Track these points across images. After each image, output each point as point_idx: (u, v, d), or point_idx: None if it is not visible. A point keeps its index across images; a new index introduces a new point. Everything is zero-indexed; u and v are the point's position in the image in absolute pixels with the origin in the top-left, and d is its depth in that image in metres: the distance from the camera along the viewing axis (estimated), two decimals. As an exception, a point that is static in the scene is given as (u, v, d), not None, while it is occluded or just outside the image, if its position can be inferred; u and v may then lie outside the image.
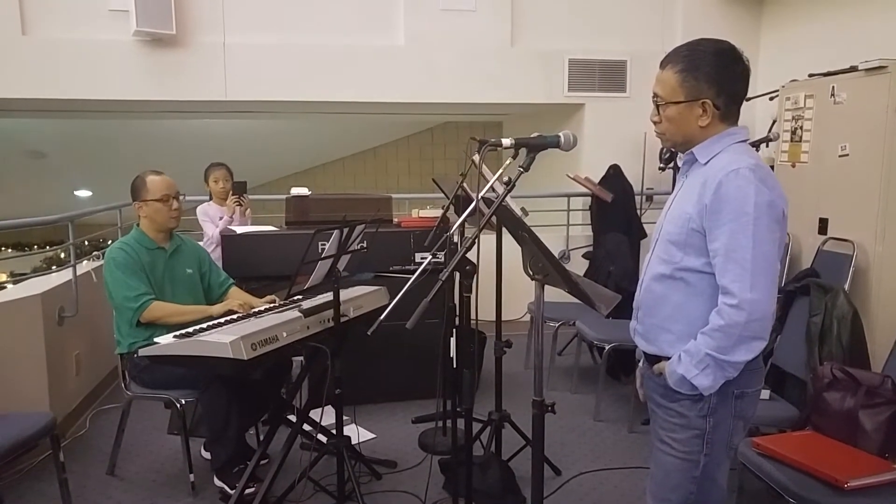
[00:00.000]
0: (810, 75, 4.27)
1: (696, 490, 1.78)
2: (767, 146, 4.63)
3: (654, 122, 1.81)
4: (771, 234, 1.64)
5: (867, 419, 2.49)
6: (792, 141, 4.31)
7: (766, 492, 2.53)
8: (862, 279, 3.76)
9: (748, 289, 1.60)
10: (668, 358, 1.77)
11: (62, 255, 10.60)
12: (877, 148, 3.66)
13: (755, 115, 5.80)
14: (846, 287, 3.63)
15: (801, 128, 4.23)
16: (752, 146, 4.61)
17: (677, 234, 1.73)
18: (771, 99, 4.89)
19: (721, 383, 1.68)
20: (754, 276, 1.61)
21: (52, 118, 8.20)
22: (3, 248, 13.30)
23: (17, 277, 4.81)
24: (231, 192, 4.23)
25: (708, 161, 1.73)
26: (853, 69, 3.87)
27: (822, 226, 4.04)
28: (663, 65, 1.76)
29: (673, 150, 1.88)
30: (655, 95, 1.77)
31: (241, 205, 4.21)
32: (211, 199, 4.42)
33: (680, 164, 1.87)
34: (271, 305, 3.05)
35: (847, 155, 3.87)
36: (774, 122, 4.68)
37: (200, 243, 4.28)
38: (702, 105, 1.71)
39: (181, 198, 3.17)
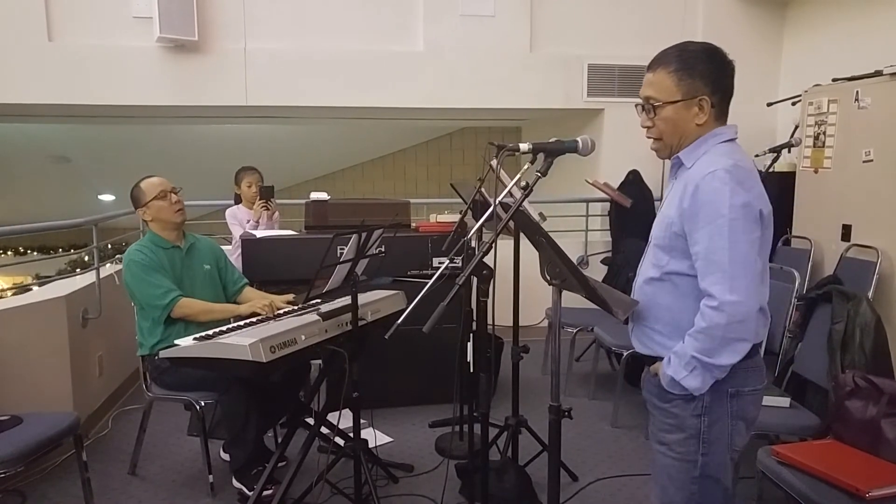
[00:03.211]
0: (834, 80, 4.23)
1: (697, 490, 1.77)
2: (789, 151, 4.59)
3: (647, 128, 1.81)
4: (748, 234, 1.63)
5: (889, 428, 2.45)
6: (815, 146, 4.27)
7: (785, 501, 2.51)
8: (886, 286, 3.71)
9: (727, 291, 1.61)
10: (662, 359, 1.78)
11: (86, 258, 10.74)
12: (901, 153, 3.62)
13: (777, 119, 5.75)
14: (870, 294, 3.58)
15: (825, 133, 4.18)
16: (773, 151, 4.60)
17: (662, 238, 1.76)
18: (793, 104, 4.84)
19: (710, 383, 1.69)
20: (733, 278, 1.61)
21: (77, 123, 8.34)
22: (28, 251, 13.52)
23: (42, 280, 4.88)
24: (258, 197, 4.28)
25: (693, 164, 1.74)
26: (878, 74, 3.83)
27: (846, 232, 4.00)
28: (653, 67, 1.76)
29: (667, 158, 1.87)
30: (647, 100, 1.77)
31: (268, 209, 4.26)
32: (239, 202, 4.47)
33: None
34: (291, 308, 3.08)
35: (871, 161, 3.82)
36: (797, 127, 4.64)
37: (229, 247, 4.34)
38: (699, 103, 1.72)
39: (178, 191, 3.19)
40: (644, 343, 1.86)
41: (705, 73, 1.71)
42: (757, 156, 4.47)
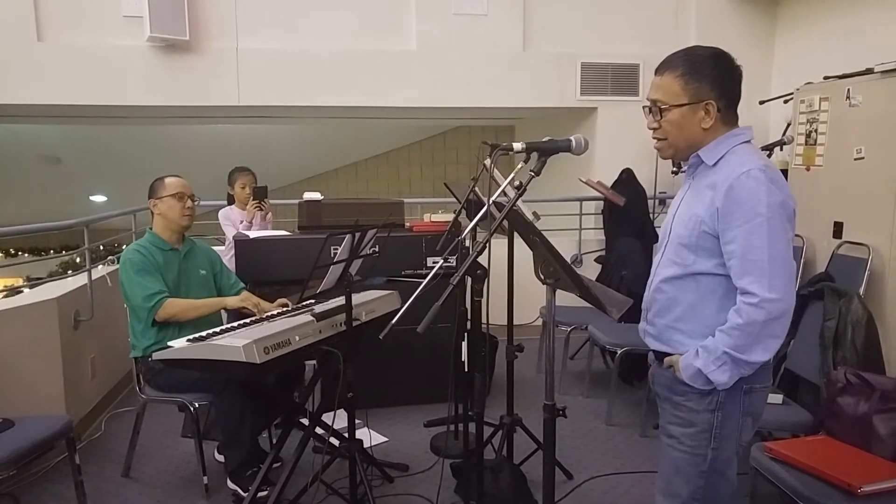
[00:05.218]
0: (825, 78, 4.25)
1: (703, 484, 1.79)
2: (781, 149, 4.61)
3: (653, 129, 1.82)
4: (784, 233, 1.66)
5: (881, 424, 2.46)
6: (807, 144, 4.28)
7: (778, 497, 2.52)
8: (877, 283, 3.73)
9: (767, 289, 1.63)
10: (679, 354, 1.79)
11: (77, 260, 10.69)
12: (893, 151, 3.63)
13: (769, 117, 5.77)
14: (861, 291, 3.60)
15: (816, 131, 4.20)
16: (766, 149, 4.63)
17: (688, 237, 1.75)
18: (785, 102, 4.86)
19: (736, 379, 1.71)
20: (772, 276, 1.63)
21: (68, 124, 8.30)
22: (19, 253, 13.43)
23: (33, 282, 4.86)
24: (251, 198, 4.26)
25: (716, 162, 1.75)
26: (869, 72, 3.85)
27: (837, 229, 4.01)
28: (660, 71, 1.78)
29: (673, 159, 1.89)
30: (654, 102, 1.79)
31: (261, 209, 4.24)
32: (232, 203, 4.44)
33: (684, 166, 1.88)
34: (284, 310, 3.07)
35: (862, 158, 3.84)
36: (789, 125, 4.66)
37: (222, 248, 4.32)
38: (705, 107, 1.73)
39: (196, 201, 3.21)
40: (662, 340, 1.86)
41: (712, 77, 1.72)
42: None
